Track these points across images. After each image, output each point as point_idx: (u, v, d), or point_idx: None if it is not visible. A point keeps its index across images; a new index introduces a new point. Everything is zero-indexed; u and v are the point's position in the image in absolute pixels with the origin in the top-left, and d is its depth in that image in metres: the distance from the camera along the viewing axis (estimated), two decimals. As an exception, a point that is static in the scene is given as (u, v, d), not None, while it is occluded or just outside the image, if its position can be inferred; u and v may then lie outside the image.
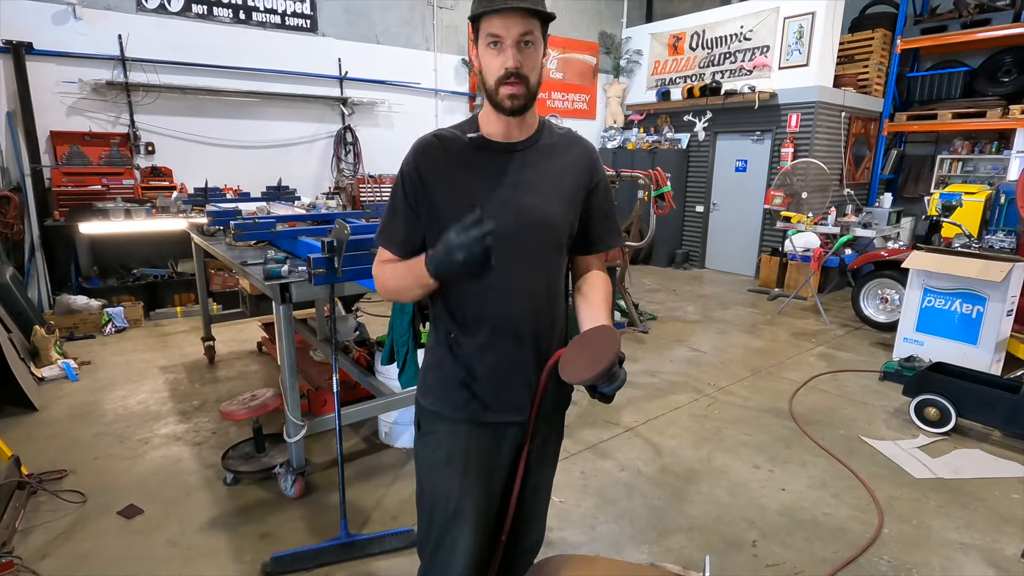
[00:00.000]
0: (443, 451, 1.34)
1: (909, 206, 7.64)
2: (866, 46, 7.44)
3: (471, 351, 1.30)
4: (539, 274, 1.30)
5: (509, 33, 1.13)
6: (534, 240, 1.27)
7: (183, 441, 3.17)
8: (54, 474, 2.76)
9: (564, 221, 1.31)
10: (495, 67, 1.16)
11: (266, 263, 2.48)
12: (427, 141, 1.27)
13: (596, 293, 1.36)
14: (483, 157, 1.26)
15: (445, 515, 1.33)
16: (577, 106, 8.88)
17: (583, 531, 2.45)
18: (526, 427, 1.35)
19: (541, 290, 1.31)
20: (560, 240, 1.33)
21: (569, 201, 1.31)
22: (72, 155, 5.17)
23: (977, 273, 3.84)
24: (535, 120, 1.30)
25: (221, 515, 2.52)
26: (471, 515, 1.32)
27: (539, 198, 1.27)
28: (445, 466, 1.33)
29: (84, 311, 4.93)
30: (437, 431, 1.36)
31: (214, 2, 5.74)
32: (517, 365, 1.31)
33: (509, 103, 1.18)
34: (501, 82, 1.16)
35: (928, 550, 2.36)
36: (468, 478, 1.32)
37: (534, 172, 1.28)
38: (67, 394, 3.75)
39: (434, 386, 1.37)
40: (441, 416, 1.36)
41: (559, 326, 1.38)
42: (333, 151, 6.70)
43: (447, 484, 1.33)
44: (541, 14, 1.15)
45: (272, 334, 4.13)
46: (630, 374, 4.16)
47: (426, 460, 1.38)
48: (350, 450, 3.11)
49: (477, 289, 1.26)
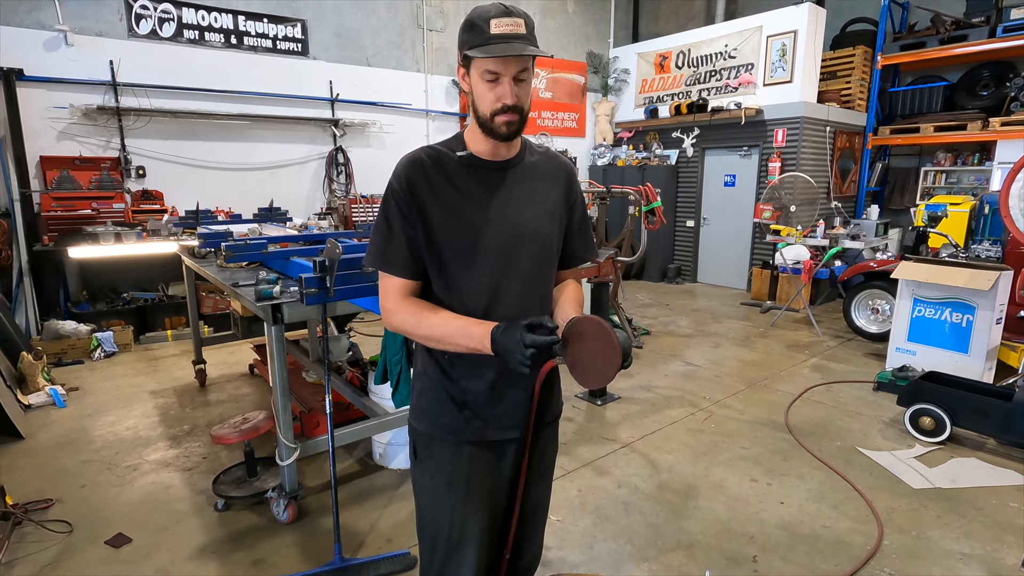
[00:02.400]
0: (443, 476, 1.32)
1: (896, 217, 7.75)
2: (848, 63, 7.61)
3: (468, 370, 1.29)
4: (535, 289, 1.31)
5: (507, 71, 1.15)
6: (529, 256, 1.28)
7: (173, 467, 3.11)
8: (40, 504, 2.69)
9: (554, 236, 1.33)
10: (491, 99, 1.17)
11: (258, 284, 2.46)
12: (416, 158, 1.26)
13: (566, 296, 1.38)
14: (474, 175, 1.26)
15: (449, 543, 1.31)
16: (567, 124, 8.99)
17: (581, 550, 2.42)
18: (526, 442, 1.34)
19: (536, 304, 1.32)
20: (552, 255, 1.35)
21: (556, 217, 1.34)
22: (62, 180, 5.16)
23: (965, 282, 3.88)
24: (519, 139, 1.32)
25: (212, 542, 2.47)
26: (475, 540, 1.30)
27: (530, 214, 1.29)
28: (447, 492, 1.31)
29: (73, 336, 4.88)
30: (435, 456, 1.33)
31: (206, 27, 5.80)
32: (517, 381, 1.30)
33: (506, 130, 1.19)
34: (497, 113, 1.18)
35: (929, 561, 2.34)
36: (470, 503, 1.30)
37: (523, 189, 1.29)
38: (54, 421, 3.68)
39: (430, 409, 1.34)
40: (438, 440, 1.33)
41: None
42: (325, 172, 6.73)
43: (449, 511, 1.30)
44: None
45: (264, 356, 4.09)
46: (623, 390, 4.17)
47: (426, 487, 1.35)
48: (344, 472, 3.06)
49: (476, 312, 1.25)
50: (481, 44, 1.12)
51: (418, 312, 1.24)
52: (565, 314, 1.34)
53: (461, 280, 1.25)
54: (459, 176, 1.25)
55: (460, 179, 1.25)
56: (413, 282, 1.27)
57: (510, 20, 1.12)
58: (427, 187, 1.23)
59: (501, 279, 1.26)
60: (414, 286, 1.28)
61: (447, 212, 1.23)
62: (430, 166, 1.25)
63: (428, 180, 1.24)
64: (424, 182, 1.23)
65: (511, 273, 1.26)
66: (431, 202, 1.23)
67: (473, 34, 1.14)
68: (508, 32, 1.11)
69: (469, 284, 1.25)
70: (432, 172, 1.24)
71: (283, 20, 6.24)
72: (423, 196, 1.23)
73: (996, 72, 6.85)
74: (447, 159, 1.26)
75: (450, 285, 1.27)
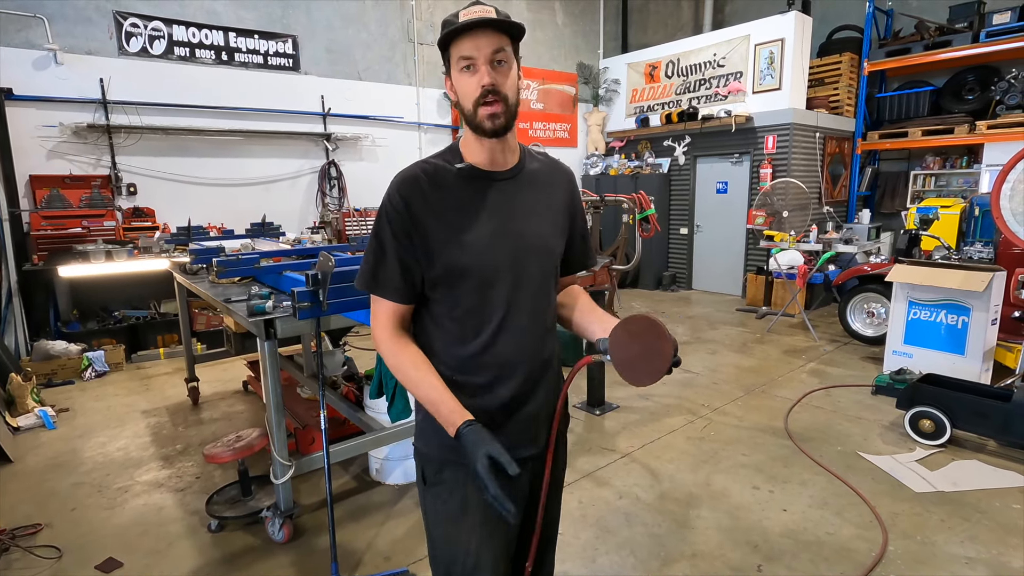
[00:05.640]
0: (456, 501, 1.25)
1: (887, 221, 7.79)
2: (835, 69, 7.70)
3: (476, 388, 1.23)
4: (542, 302, 1.27)
5: (481, 52, 1.11)
6: (534, 268, 1.24)
7: (165, 487, 3.05)
8: (28, 529, 2.63)
9: (557, 246, 1.30)
10: (471, 89, 1.13)
11: (250, 299, 2.43)
12: (412, 174, 1.19)
13: (586, 301, 1.37)
14: (474, 187, 1.21)
15: (464, 570, 1.24)
16: (559, 135, 9.04)
17: (583, 564, 2.38)
18: (541, 458, 1.29)
19: (543, 317, 1.28)
20: (555, 265, 1.31)
21: (559, 226, 1.31)
22: (52, 198, 5.12)
23: (959, 284, 3.89)
24: (517, 146, 1.27)
25: (205, 565, 2.41)
26: (491, 565, 1.25)
27: (534, 225, 1.25)
28: (461, 518, 1.24)
29: (63, 356, 4.81)
30: (446, 480, 1.26)
31: (196, 44, 5.80)
32: (529, 396, 1.25)
33: (490, 123, 1.13)
34: (479, 103, 1.12)
35: (935, 566, 2.32)
36: (486, 527, 1.24)
37: (525, 199, 1.25)
38: (43, 443, 3.61)
39: (438, 431, 1.22)
40: (449, 463, 1.26)
41: (559, 349, 1.36)
42: (318, 186, 6.71)
43: (465, 537, 1.24)
44: (509, 30, 1.13)
45: (258, 372, 4.04)
46: (621, 399, 4.14)
47: (439, 514, 1.28)
48: (340, 489, 3.01)
49: (487, 330, 1.21)
50: (453, 26, 1.11)
51: (399, 356, 1.21)
52: (598, 315, 1.32)
53: (467, 300, 1.19)
54: (459, 190, 1.20)
55: (460, 193, 1.19)
56: (404, 306, 1.23)
57: (479, 8, 1.10)
58: (425, 205, 1.17)
59: (511, 295, 1.20)
60: (405, 310, 1.23)
61: (449, 230, 1.17)
62: (427, 183, 1.18)
63: (425, 198, 1.17)
64: (421, 200, 1.17)
65: (521, 287, 1.21)
66: (431, 220, 1.17)
67: (445, 28, 1.13)
68: (477, 17, 1.09)
69: (477, 303, 1.20)
70: (429, 189, 1.18)
71: (274, 36, 6.25)
72: (421, 215, 1.17)
73: (981, 76, 6.94)
74: (445, 173, 1.20)
75: (457, 305, 1.20)
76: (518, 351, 1.23)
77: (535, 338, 1.26)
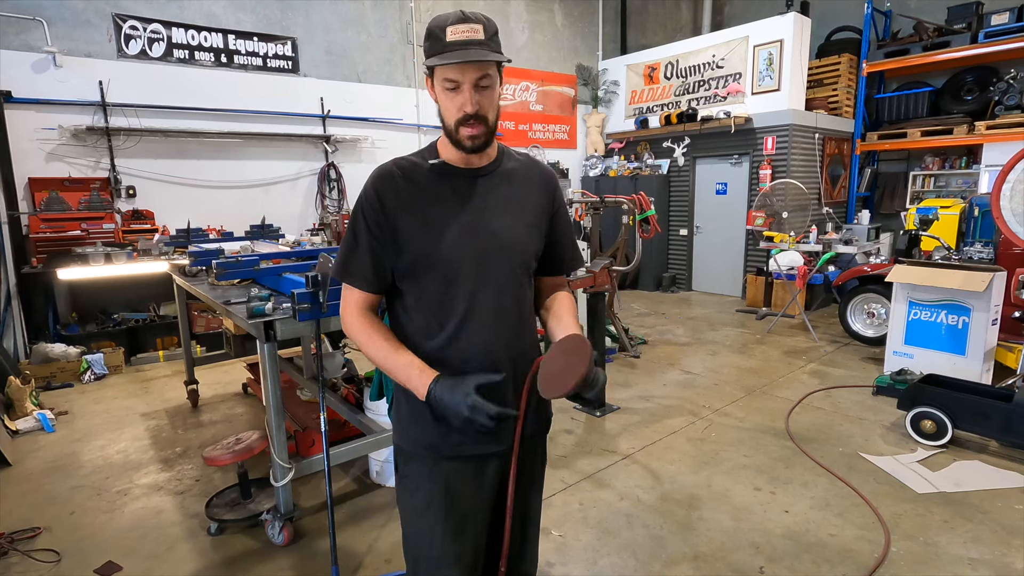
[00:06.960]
0: (422, 493, 1.29)
1: (887, 222, 7.80)
2: (834, 70, 7.70)
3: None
4: (511, 298, 1.28)
5: (466, 78, 1.13)
6: (505, 264, 1.26)
7: (165, 490, 3.04)
8: (27, 532, 2.62)
9: (531, 244, 1.31)
10: (453, 109, 1.16)
11: (250, 301, 2.43)
12: (387, 170, 1.25)
13: (563, 308, 1.38)
14: (447, 183, 1.25)
15: (430, 562, 1.27)
16: (558, 136, 9.04)
17: (584, 566, 2.37)
18: (508, 456, 1.29)
19: (514, 314, 1.29)
20: (529, 263, 1.32)
21: (535, 225, 1.32)
22: (51, 201, 5.11)
23: (960, 284, 3.89)
24: (494, 147, 1.29)
25: (205, 568, 2.40)
26: (458, 558, 1.26)
27: (506, 222, 1.27)
28: (426, 510, 1.28)
29: (62, 359, 4.79)
30: (412, 473, 1.31)
31: (196, 47, 5.80)
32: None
33: (470, 143, 1.18)
34: (460, 124, 1.16)
35: (938, 567, 2.31)
36: (451, 520, 1.27)
37: (498, 197, 1.27)
38: (42, 446, 3.60)
39: (408, 423, 1.30)
40: (416, 456, 1.30)
41: (532, 348, 1.36)
42: (317, 188, 6.71)
43: (429, 529, 1.27)
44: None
45: (257, 374, 4.03)
46: (624, 400, 4.13)
47: (407, 505, 1.32)
48: (340, 491, 3.00)
49: (451, 323, 1.23)
50: (439, 52, 1.12)
51: (370, 332, 1.25)
52: (563, 325, 1.33)
53: (433, 291, 1.24)
54: (431, 185, 1.24)
55: (432, 188, 1.24)
56: (373, 296, 1.27)
57: (466, 27, 1.11)
58: (397, 199, 1.22)
59: (476, 290, 1.23)
60: (373, 299, 1.29)
61: (418, 222, 1.22)
62: (400, 177, 1.24)
63: (398, 192, 1.23)
64: (394, 194, 1.22)
65: (487, 283, 1.24)
66: (402, 214, 1.22)
67: (431, 43, 1.14)
68: (464, 39, 1.10)
69: (442, 295, 1.23)
70: (403, 183, 1.23)
71: (273, 38, 6.25)
72: (393, 209, 1.22)
73: (980, 77, 6.95)
74: (419, 169, 1.25)
75: (423, 296, 1.25)
76: (483, 347, 1.25)
77: (501, 335, 1.27)
